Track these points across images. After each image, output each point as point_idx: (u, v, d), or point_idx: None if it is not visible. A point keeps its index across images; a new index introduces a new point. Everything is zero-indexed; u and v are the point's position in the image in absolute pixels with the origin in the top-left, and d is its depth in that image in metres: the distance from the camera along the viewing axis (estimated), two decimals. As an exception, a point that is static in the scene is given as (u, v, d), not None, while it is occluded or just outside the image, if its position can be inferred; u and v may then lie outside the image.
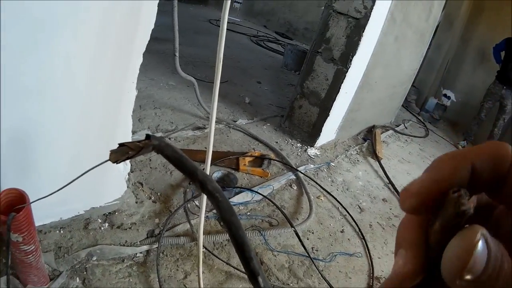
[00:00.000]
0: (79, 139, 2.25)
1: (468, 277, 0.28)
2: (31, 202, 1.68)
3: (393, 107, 6.78)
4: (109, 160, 0.86)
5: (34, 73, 1.80)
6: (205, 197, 1.98)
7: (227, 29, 1.58)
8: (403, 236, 0.36)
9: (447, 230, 0.31)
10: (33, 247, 1.84)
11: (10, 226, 1.62)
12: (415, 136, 6.76)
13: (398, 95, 6.54)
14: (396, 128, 6.67)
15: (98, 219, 2.68)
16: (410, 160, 5.67)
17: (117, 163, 0.76)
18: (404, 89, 6.71)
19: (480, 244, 0.28)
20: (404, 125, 7.12)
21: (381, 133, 6.03)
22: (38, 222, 2.33)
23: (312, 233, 3.34)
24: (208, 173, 1.98)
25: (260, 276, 0.47)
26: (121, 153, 0.77)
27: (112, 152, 0.87)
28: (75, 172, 1.06)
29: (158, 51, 6.48)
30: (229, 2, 1.58)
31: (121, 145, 0.91)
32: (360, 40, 4.15)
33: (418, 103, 8.89)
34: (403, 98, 7.01)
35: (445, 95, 8.63)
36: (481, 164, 0.32)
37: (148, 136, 0.94)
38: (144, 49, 2.24)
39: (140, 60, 2.26)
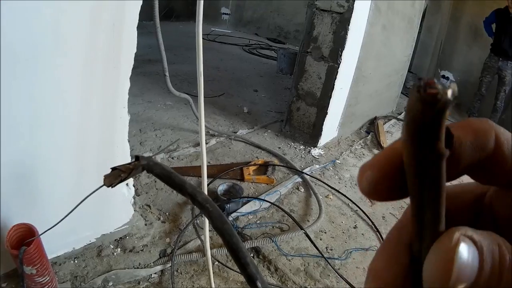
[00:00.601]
0: (78, 168, 2.30)
1: (460, 287, 0.24)
2: (40, 234, 1.73)
3: (392, 96, 6.72)
4: (103, 185, 0.91)
5: (26, 107, 1.86)
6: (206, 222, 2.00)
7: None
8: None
9: (420, 172, 0.25)
10: (47, 278, 1.88)
11: (22, 260, 1.66)
12: (420, 121, 6.64)
13: (395, 83, 6.48)
14: (398, 117, 6.59)
15: (110, 245, 2.71)
16: (417, 145, 5.58)
17: (112, 187, 0.77)
18: (401, 76, 6.66)
19: (463, 247, 0.25)
20: None
21: (383, 124, 5.96)
22: (51, 254, 2.38)
23: (325, 232, 3.33)
24: (205, 185, 2.00)
25: (259, 280, 0.48)
26: (114, 176, 0.82)
27: (106, 177, 0.89)
28: (79, 201, 1.08)
29: (152, 72, 6.47)
30: (201, 17, 1.60)
31: (113, 169, 0.95)
32: (347, 34, 4.15)
33: None
34: (401, 86, 6.94)
35: (443, 76, 8.49)
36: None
37: (137, 157, 0.97)
38: (130, 74, 2.28)
39: (127, 84, 2.30)
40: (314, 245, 3.01)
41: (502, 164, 0.28)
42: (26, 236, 1.79)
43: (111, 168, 0.67)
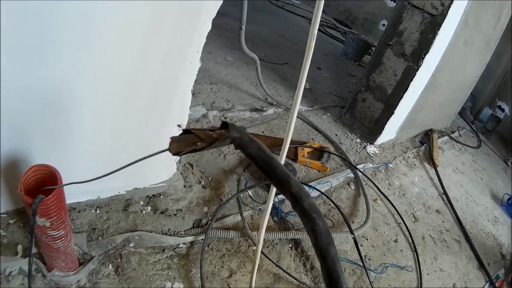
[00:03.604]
0: (124, 112, 1.94)
1: None
2: (65, 185, 1.39)
3: (451, 112, 6.53)
4: (167, 150, 0.71)
5: (74, 21, 1.47)
6: (272, 196, 1.66)
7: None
8: None
9: None
10: (62, 232, 1.57)
11: (36, 211, 1.33)
12: (468, 146, 6.45)
13: (457, 100, 6.27)
14: (451, 135, 6.41)
15: (140, 202, 2.43)
16: (463, 171, 5.34)
17: (178, 155, 0.62)
18: (464, 95, 6.42)
19: None
20: (459, 133, 6.84)
21: (438, 138, 5.79)
22: (72, 199, 2.11)
23: (366, 239, 3.11)
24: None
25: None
26: (185, 142, 0.69)
27: (174, 141, 0.65)
28: (118, 149, 0.81)
29: (215, 24, 6.09)
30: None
31: (186, 131, 0.75)
32: (434, 38, 3.87)
33: (472, 111, 8.58)
34: (462, 104, 6.73)
35: (499, 107, 8.26)
36: None
37: (225, 124, 0.67)
38: (215, 14, 1.92)
39: (208, 26, 1.94)
40: (359, 253, 2.80)
41: None
42: (46, 181, 1.46)
43: (183, 130, 0.57)
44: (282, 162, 1.59)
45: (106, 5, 1.48)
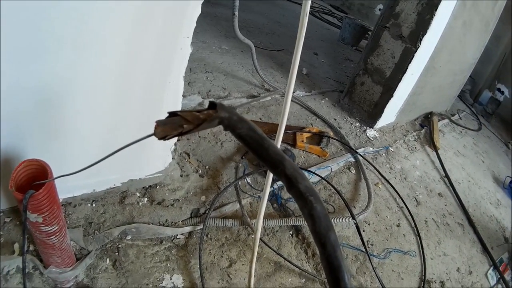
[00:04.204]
0: (117, 102, 1.90)
1: None
2: (55, 178, 1.35)
3: (451, 95, 6.52)
4: (153, 134, 0.66)
5: (66, 17, 1.44)
6: (269, 181, 1.62)
7: None
8: None
9: None
10: (56, 228, 1.53)
11: (27, 206, 1.29)
12: (469, 129, 6.45)
13: (457, 83, 6.25)
14: (451, 118, 6.40)
15: (137, 193, 2.38)
16: (464, 154, 5.34)
17: (164, 140, 0.57)
18: (464, 77, 6.41)
19: None
20: (459, 116, 6.85)
21: (438, 121, 5.78)
22: (67, 194, 2.07)
23: (368, 224, 3.08)
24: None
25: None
26: (171, 126, 0.65)
27: (159, 125, 0.68)
28: (112, 141, 0.78)
29: (210, 13, 6.36)
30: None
31: (172, 114, 0.71)
32: (432, 19, 3.83)
33: (472, 94, 8.59)
34: (461, 86, 6.72)
35: (499, 90, 8.24)
36: None
37: (213, 104, 0.63)
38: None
39: (198, 11, 1.87)
40: (361, 239, 2.78)
41: None
42: (38, 175, 1.42)
43: (168, 113, 0.59)
44: (278, 146, 1.55)
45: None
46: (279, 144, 1.54)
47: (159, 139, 0.68)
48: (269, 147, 0.60)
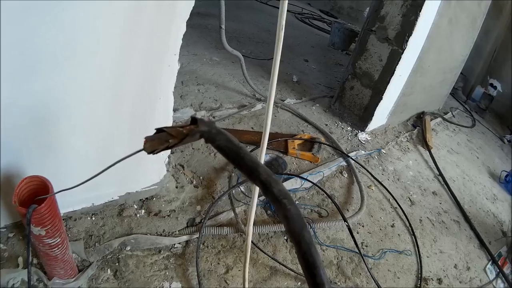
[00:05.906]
0: (110, 119, 1.98)
1: None
2: (56, 193, 1.44)
3: (443, 94, 6.52)
4: (143, 149, 0.72)
5: (55, 37, 1.51)
6: (256, 188, 1.70)
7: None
8: None
9: None
10: (58, 240, 1.61)
11: (30, 220, 1.37)
12: (462, 126, 6.44)
13: (448, 81, 6.25)
14: (444, 116, 6.42)
15: (134, 205, 2.47)
16: (458, 151, 5.35)
17: (153, 154, 0.63)
18: (454, 75, 6.41)
19: None
20: (452, 113, 6.83)
21: (430, 120, 5.79)
22: (67, 208, 2.16)
23: (362, 226, 3.12)
24: (262, 160, 1.72)
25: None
26: (158, 141, 0.71)
27: (148, 140, 0.72)
28: (107, 155, 0.86)
29: (200, 25, 6.39)
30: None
31: (158, 130, 0.72)
32: (416, 20, 3.87)
33: (464, 91, 8.55)
34: (453, 84, 6.71)
35: (491, 85, 8.19)
36: None
37: (194, 120, 0.72)
38: (188, 16, 1.95)
39: (183, 28, 1.95)
40: (355, 241, 2.82)
41: None
42: (39, 191, 1.51)
43: (156, 129, 0.65)
44: (263, 153, 1.62)
45: (82, 16, 1.52)
46: (264, 150, 1.61)
47: (148, 153, 0.76)
48: (244, 155, 0.67)
